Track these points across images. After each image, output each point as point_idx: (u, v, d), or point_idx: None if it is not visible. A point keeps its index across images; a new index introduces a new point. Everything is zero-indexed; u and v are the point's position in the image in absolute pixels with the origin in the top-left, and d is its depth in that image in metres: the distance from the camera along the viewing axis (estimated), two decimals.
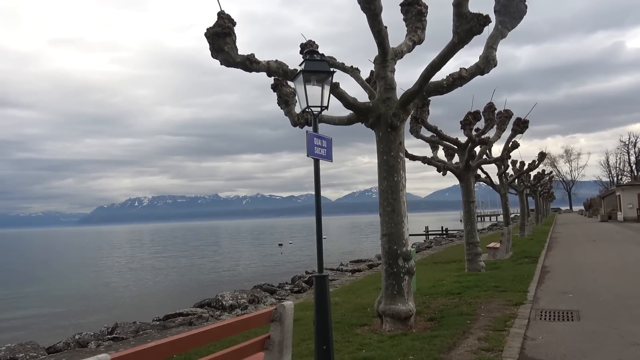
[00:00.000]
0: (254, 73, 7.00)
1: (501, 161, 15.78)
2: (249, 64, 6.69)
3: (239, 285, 22.20)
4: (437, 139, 14.94)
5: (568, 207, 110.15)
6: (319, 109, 5.71)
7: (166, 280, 30.86)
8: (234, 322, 3.70)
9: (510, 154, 21.73)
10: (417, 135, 15.23)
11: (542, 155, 28.07)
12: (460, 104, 15.73)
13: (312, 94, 5.63)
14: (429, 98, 9.93)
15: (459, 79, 7.49)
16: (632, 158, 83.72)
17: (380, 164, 7.44)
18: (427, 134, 14.84)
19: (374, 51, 7.56)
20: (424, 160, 14.71)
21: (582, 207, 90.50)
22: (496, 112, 15.34)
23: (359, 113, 7.69)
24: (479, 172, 22.79)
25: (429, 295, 9.69)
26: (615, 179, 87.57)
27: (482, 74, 7.65)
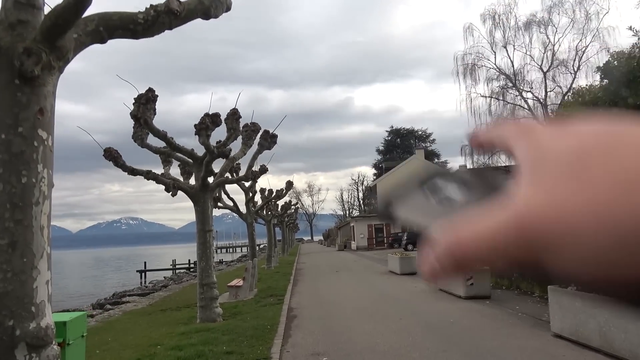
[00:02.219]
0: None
1: (247, 181, 13.16)
2: None
3: None
4: (168, 149, 11.63)
5: (310, 237, 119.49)
6: None
7: None
8: None
9: (258, 179, 19.81)
10: (142, 144, 11.67)
11: (290, 184, 27.44)
12: None
13: None
14: (109, 41, 6.24)
15: (166, 14, 4.33)
16: (361, 194, 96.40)
17: None
18: (156, 142, 11.42)
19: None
20: (147, 175, 11.12)
21: (322, 237, 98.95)
22: (242, 124, 12.94)
23: None
24: (224, 197, 20.19)
25: None
26: (347, 212, 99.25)
27: (206, 15, 4.68)
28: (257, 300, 13.49)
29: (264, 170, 19.90)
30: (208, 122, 10.18)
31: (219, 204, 20.21)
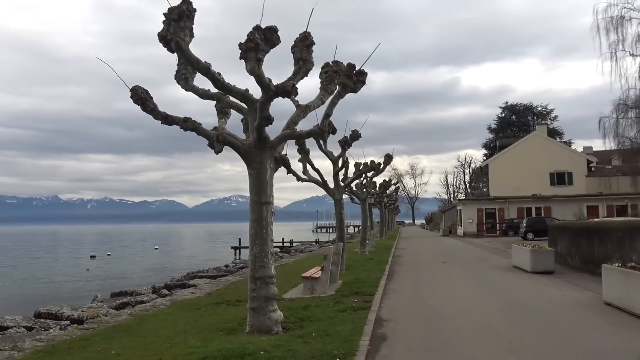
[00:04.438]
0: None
1: (322, 135, 9.22)
2: None
3: None
4: (219, 93, 8.63)
5: (411, 221, 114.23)
6: None
7: None
8: None
9: (349, 146, 16.28)
10: (187, 85, 8.90)
11: (389, 158, 23.56)
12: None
13: None
14: None
15: None
16: (467, 177, 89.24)
17: None
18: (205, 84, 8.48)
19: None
20: (185, 123, 8.12)
21: (424, 221, 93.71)
22: (322, 64, 9.55)
23: None
24: (309, 169, 16.98)
25: None
26: (452, 195, 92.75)
27: None
28: (337, 298, 10.09)
29: (355, 136, 16.34)
30: (258, 39, 6.80)
31: (303, 175, 17.06)
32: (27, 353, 6.73)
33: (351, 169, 20.83)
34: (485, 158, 63.49)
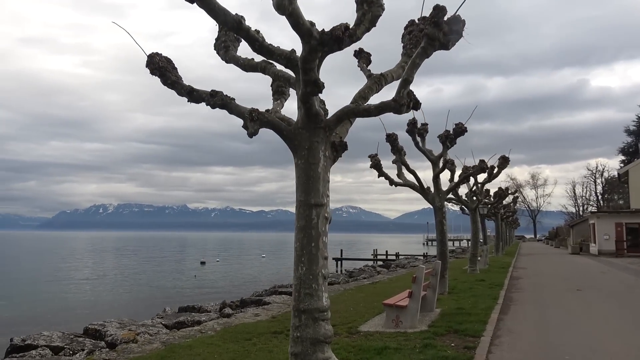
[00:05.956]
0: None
1: (398, 108, 6.70)
2: None
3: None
4: (263, 62, 6.69)
5: (532, 236, 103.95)
6: None
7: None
8: None
9: (452, 142, 13.45)
10: (227, 55, 7.02)
11: (504, 161, 19.95)
12: None
13: None
14: None
15: None
16: (599, 188, 78.70)
17: None
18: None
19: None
20: (213, 99, 6.17)
21: (546, 236, 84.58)
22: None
23: None
24: (404, 171, 14.36)
25: None
26: (581, 208, 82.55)
27: None
28: (427, 338, 7.41)
29: (460, 131, 13.40)
30: None
31: (397, 179, 14.48)
32: None
33: (457, 172, 17.73)
34: (622, 165, 54.95)
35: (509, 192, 36.42)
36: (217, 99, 6.16)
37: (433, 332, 7.87)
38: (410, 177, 14.33)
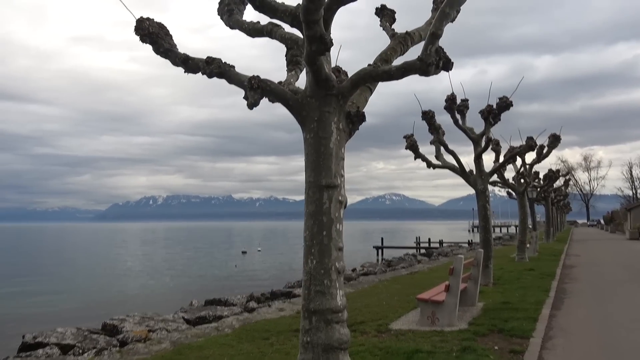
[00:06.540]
0: None
1: (425, 70, 5.73)
2: None
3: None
4: (269, 25, 5.84)
5: (585, 220, 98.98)
6: None
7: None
8: None
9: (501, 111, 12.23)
10: (230, 19, 6.23)
11: (555, 139, 18.34)
12: None
13: None
14: None
15: None
16: None
17: None
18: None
19: None
20: (209, 67, 5.38)
21: (600, 221, 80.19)
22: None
23: None
24: (443, 152, 13.25)
25: None
26: (638, 191, 77.84)
27: None
28: (466, 339, 6.44)
29: (504, 105, 12.16)
30: None
31: (436, 160, 13.37)
32: None
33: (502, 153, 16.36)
34: None
35: (560, 174, 34.18)
36: (213, 67, 5.37)
37: (473, 332, 6.88)
38: (450, 158, 13.19)
